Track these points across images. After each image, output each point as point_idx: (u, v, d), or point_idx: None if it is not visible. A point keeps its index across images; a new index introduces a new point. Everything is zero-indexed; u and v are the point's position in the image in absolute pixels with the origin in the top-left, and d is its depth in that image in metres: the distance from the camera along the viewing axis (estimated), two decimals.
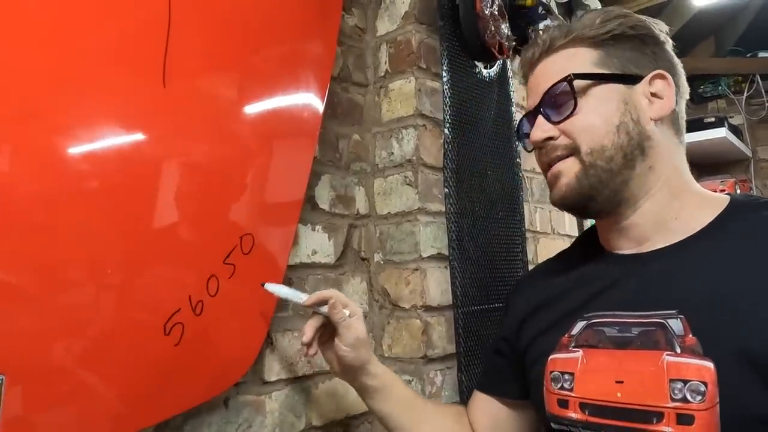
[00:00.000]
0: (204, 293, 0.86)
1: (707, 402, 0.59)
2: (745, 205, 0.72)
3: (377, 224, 1.24)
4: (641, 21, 0.77)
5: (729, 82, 3.14)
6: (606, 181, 0.72)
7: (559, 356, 0.74)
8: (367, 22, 1.31)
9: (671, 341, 0.64)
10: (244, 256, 0.93)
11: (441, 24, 1.21)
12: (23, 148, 0.69)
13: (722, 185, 2.73)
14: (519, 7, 1.58)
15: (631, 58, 0.75)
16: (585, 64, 0.75)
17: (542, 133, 0.75)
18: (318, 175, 1.14)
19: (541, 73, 0.78)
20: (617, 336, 0.69)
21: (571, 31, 0.76)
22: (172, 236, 0.83)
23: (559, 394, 0.72)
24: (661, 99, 0.74)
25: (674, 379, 0.61)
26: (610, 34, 0.75)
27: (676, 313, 0.65)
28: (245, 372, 0.95)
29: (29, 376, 0.68)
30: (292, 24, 1.07)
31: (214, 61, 0.93)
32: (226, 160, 0.93)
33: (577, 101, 0.73)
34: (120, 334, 0.77)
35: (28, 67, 0.70)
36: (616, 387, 0.66)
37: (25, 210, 0.69)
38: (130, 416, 0.79)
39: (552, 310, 0.80)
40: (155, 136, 0.82)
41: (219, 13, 0.93)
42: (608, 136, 0.72)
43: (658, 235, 0.73)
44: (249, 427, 0.97)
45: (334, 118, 1.19)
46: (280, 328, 1.03)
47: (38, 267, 0.69)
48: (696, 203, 0.74)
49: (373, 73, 1.29)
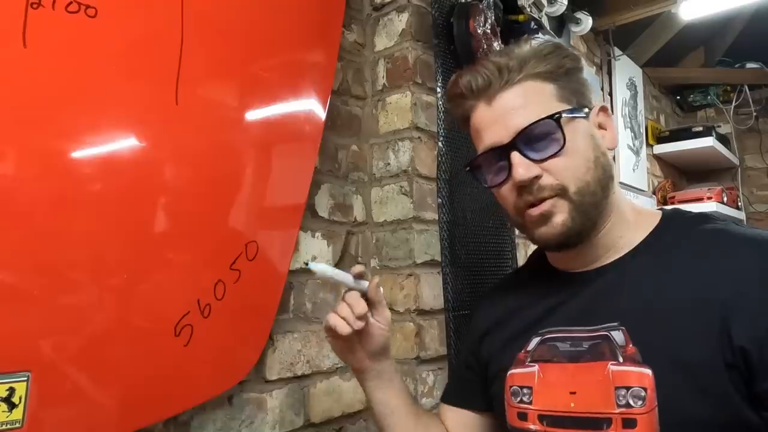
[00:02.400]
0: (212, 297, 0.92)
1: (647, 406, 0.63)
2: (676, 220, 0.76)
3: (374, 231, 1.30)
4: (576, 54, 0.78)
5: (718, 91, 3.22)
6: (593, 215, 0.73)
7: (517, 371, 0.76)
8: (366, 38, 1.37)
9: (615, 352, 0.68)
10: (248, 262, 0.99)
11: (436, 42, 1.27)
12: (59, 158, 0.75)
13: (709, 192, 2.79)
14: (512, 22, 1.64)
15: (578, 91, 0.76)
16: (551, 100, 0.73)
17: (529, 173, 0.71)
18: (318, 184, 1.20)
19: (503, 108, 0.73)
20: (570, 350, 0.72)
21: (525, 63, 0.73)
22: (184, 243, 0.89)
23: (519, 408, 0.75)
24: (605, 130, 0.77)
25: (619, 387, 0.66)
26: (564, 69, 0.75)
27: (617, 325, 0.69)
28: (248, 371, 1.01)
29: (51, 373, 0.74)
30: (296, 41, 1.13)
31: (223, 78, 0.99)
32: (234, 172, 0.99)
33: (566, 140, 0.71)
34: (133, 335, 0.83)
35: (68, 96, 0.76)
36: (570, 398, 0.69)
37: (53, 216, 0.75)
38: (142, 412, 0.85)
39: (509, 326, 0.82)
40: (169, 150, 0.88)
41: (228, 34, 0.99)
42: (589, 172, 0.72)
43: (607, 254, 0.76)
44: (251, 423, 1.03)
45: (333, 130, 1.25)
46: (281, 330, 1.09)
47: (63, 273, 0.75)
48: (634, 221, 0.77)
49: (371, 86, 1.35)
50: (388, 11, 1.32)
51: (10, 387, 0.70)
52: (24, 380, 0.71)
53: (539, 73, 0.73)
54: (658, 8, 2.28)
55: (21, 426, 0.71)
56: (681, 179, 3.26)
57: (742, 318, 0.62)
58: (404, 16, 1.29)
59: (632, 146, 2.59)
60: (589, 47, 2.38)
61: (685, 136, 2.87)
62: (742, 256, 0.66)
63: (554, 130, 0.71)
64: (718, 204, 2.77)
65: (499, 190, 0.76)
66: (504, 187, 0.75)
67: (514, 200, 0.74)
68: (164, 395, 0.88)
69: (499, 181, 0.75)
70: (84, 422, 0.78)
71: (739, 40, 3.00)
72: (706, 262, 0.68)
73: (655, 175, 2.93)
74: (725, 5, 2.22)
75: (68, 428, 0.76)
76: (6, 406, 0.70)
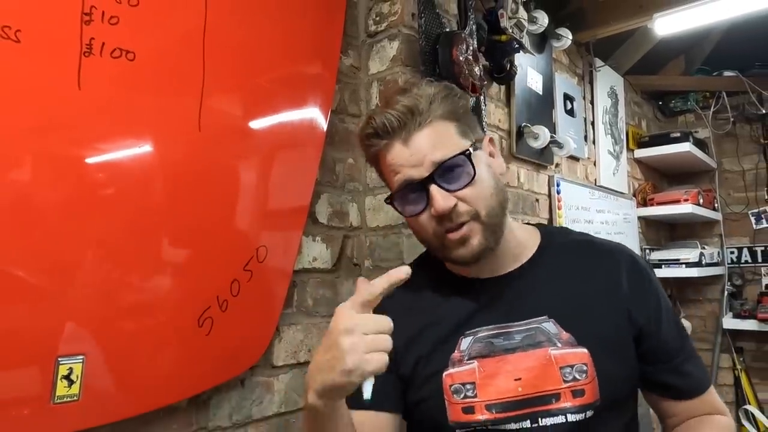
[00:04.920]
0: (228, 294, 1.08)
1: (589, 377, 0.80)
2: (551, 233, 0.96)
3: (367, 235, 1.46)
4: (464, 93, 0.93)
5: (697, 97, 3.37)
6: (498, 233, 0.85)
7: (455, 371, 0.83)
8: (361, 62, 1.52)
9: (551, 339, 0.82)
10: (259, 264, 1.15)
11: (422, 69, 1.42)
12: (109, 177, 0.91)
13: (686, 195, 2.93)
14: (495, 41, 1.80)
15: (473, 126, 0.86)
16: (456, 137, 0.82)
17: (447, 203, 0.79)
18: (318, 194, 1.36)
19: (418, 146, 0.80)
20: (504, 344, 0.83)
21: (431, 105, 0.81)
22: (206, 248, 1.05)
23: (464, 403, 0.81)
24: (493, 158, 0.88)
25: (563, 366, 0.80)
26: (462, 109, 0.85)
27: (547, 318, 0.84)
28: (258, 358, 1.17)
29: (100, 357, 0.91)
30: (301, 63, 1.29)
31: (239, 102, 1.14)
32: (246, 184, 1.15)
33: (476, 171, 0.80)
34: (165, 326, 0.99)
35: (112, 127, 0.92)
36: (516, 383, 0.81)
37: (96, 221, 0.91)
38: (170, 390, 1.01)
39: (431, 333, 0.87)
40: (193, 171, 1.04)
41: (244, 63, 1.14)
42: (494, 197, 0.83)
43: (507, 262, 0.89)
44: (260, 403, 1.20)
45: (332, 145, 1.41)
46: (286, 322, 1.25)
47: (113, 276, 0.92)
48: (523, 236, 0.92)
49: (366, 106, 1.51)
50: (381, 39, 1.48)
51: (69, 367, 0.86)
52: (80, 362, 0.87)
53: (443, 114, 0.82)
54: (635, 23, 2.44)
55: (78, 399, 0.87)
56: (662, 182, 3.41)
57: (637, 305, 0.87)
58: (395, 44, 1.45)
59: (612, 151, 2.75)
60: (571, 59, 2.53)
61: (663, 141, 3.01)
62: (616, 259, 0.91)
63: (465, 164, 0.80)
64: (695, 206, 2.93)
65: (417, 219, 0.84)
66: (422, 216, 0.83)
67: (434, 227, 0.83)
68: (188, 376, 1.04)
69: (418, 211, 0.83)
70: (123, 398, 0.94)
71: (717, 50, 3.15)
72: (593, 264, 0.90)
73: (636, 178, 3.08)
74: (697, 21, 2.37)
75: (111, 402, 0.92)
76: (66, 383, 0.86)
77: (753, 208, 3.27)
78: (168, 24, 1.02)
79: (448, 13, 1.58)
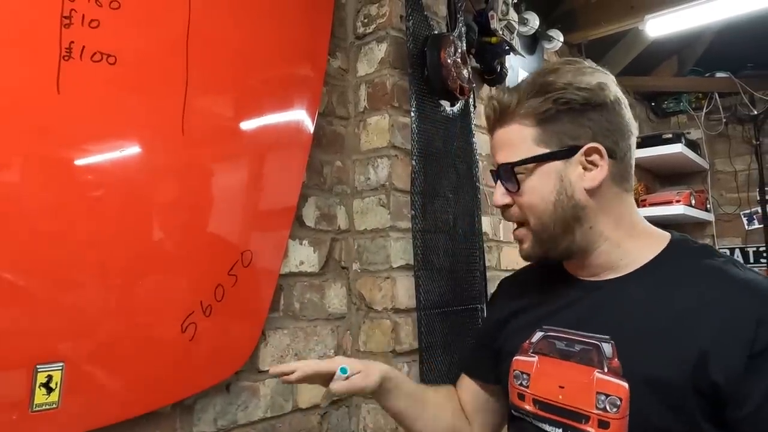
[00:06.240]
0: (212, 299, 1.08)
1: (620, 413, 0.74)
2: (682, 248, 0.83)
3: (355, 238, 1.46)
4: (582, 90, 0.79)
5: (690, 98, 3.38)
6: (554, 245, 0.83)
7: (520, 358, 0.88)
8: (349, 64, 1.52)
9: (602, 361, 0.78)
10: (244, 268, 1.14)
11: (411, 71, 1.42)
12: (89, 179, 0.90)
13: (678, 196, 2.94)
14: (485, 43, 1.80)
15: (568, 130, 0.80)
16: (527, 143, 0.82)
17: (501, 201, 0.86)
18: (305, 197, 1.35)
19: (497, 141, 0.86)
20: (563, 349, 0.83)
21: (518, 104, 0.82)
22: (189, 253, 1.05)
23: (519, 389, 0.87)
24: (596, 167, 0.80)
25: (599, 392, 0.76)
26: (554, 111, 0.80)
27: (608, 339, 0.78)
28: (244, 362, 1.17)
29: (80, 363, 0.90)
30: (287, 64, 1.29)
31: (222, 104, 1.14)
32: (231, 187, 1.14)
33: (520, 185, 0.82)
34: (148, 332, 0.98)
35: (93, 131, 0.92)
36: (559, 390, 0.81)
37: (77, 225, 0.90)
38: (153, 396, 1.00)
39: (521, 317, 0.92)
40: (176, 175, 1.03)
41: (227, 66, 1.14)
42: (547, 213, 0.82)
43: (610, 270, 0.84)
44: (246, 408, 1.19)
45: (320, 147, 1.41)
46: (272, 327, 1.25)
47: (93, 283, 0.91)
48: (640, 245, 0.84)
49: (354, 108, 1.50)
50: (369, 41, 1.47)
51: (48, 374, 0.85)
52: (60, 369, 0.86)
53: (526, 115, 0.82)
54: (627, 25, 2.44)
55: (57, 407, 0.86)
56: (654, 183, 3.42)
57: (721, 357, 0.69)
58: (383, 46, 1.44)
59: None
60: None
61: (656, 142, 3.00)
62: (734, 299, 0.72)
63: (512, 175, 0.83)
64: (687, 207, 2.93)
65: None
66: None
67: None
68: (172, 382, 1.03)
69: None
70: (105, 404, 0.93)
71: (709, 51, 3.16)
72: (699, 295, 0.74)
73: None
74: (689, 23, 2.37)
75: (93, 409, 0.92)
76: (45, 391, 0.85)
77: (745, 208, 3.28)
78: (151, 27, 1.01)
79: (437, 15, 1.58)
